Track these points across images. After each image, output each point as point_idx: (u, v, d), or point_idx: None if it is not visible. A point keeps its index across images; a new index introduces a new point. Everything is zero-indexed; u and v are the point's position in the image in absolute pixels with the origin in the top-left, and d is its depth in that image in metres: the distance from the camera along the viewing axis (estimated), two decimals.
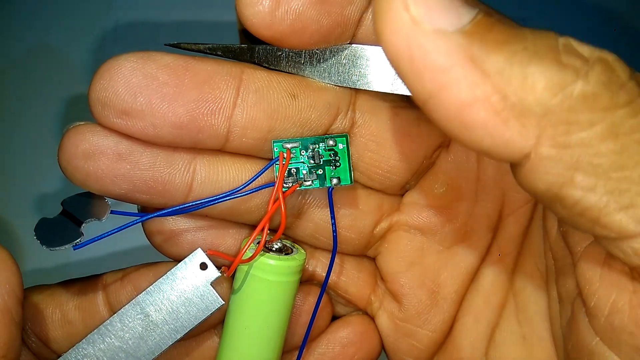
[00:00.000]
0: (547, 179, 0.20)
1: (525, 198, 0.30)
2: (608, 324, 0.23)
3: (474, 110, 0.20)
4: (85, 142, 0.25)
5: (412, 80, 0.20)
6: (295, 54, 0.27)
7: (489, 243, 0.31)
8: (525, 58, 0.20)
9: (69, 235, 0.26)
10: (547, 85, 0.20)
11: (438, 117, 0.21)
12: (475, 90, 0.20)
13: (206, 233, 0.29)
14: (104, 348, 0.28)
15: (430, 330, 0.31)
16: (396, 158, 0.29)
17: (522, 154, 0.20)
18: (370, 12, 0.26)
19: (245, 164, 0.28)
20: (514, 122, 0.20)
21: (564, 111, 0.20)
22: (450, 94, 0.20)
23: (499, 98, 0.20)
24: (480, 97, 0.20)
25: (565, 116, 0.20)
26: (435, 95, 0.20)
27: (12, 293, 0.24)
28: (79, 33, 0.54)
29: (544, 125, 0.20)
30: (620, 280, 0.23)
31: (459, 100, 0.20)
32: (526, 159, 0.20)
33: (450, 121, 0.20)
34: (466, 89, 0.20)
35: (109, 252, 0.41)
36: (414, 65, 0.20)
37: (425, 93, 0.20)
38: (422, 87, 0.20)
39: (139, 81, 0.25)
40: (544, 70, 0.20)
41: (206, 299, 0.28)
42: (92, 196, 0.27)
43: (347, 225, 0.30)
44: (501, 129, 0.20)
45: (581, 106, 0.20)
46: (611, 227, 0.21)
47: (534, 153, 0.20)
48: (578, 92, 0.20)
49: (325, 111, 0.28)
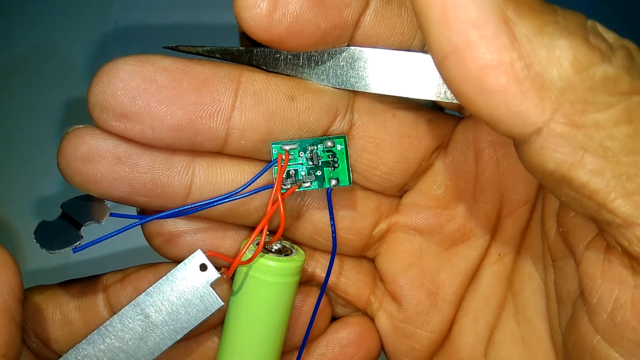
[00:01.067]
0: (556, 158, 0.20)
1: (524, 199, 0.30)
2: (610, 320, 0.23)
3: (496, 73, 0.20)
4: (84, 145, 0.26)
5: (438, 32, 0.20)
6: (293, 57, 0.27)
7: (488, 244, 0.31)
8: (557, 31, 0.20)
9: (68, 238, 0.26)
10: (574, 61, 0.20)
11: (454, 76, 0.20)
12: (503, 53, 0.19)
13: (205, 235, 0.29)
14: (104, 348, 0.28)
15: (429, 331, 0.31)
16: (394, 160, 0.29)
17: (533, 128, 0.20)
18: (368, 15, 0.26)
19: (244, 166, 0.28)
20: (532, 94, 0.20)
21: (584, 90, 0.20)
22: (475, 52, 0.19)
23: (523, 65, 0.19)
24: (505, 61, 0.19)
25: (584, 95, 0.20)
26: (458, 51, 0.20)
27: (12, 292, 0.24)
28: (77, 35, 0.54)
29: (561, 101, 0.20)
30: (622, 275, 0.23)
31: (484, 60, 0.19)
32: (536, 134, 0.20)
33: (466, 82, 0.20)
34: (493, 50, 0.19)
35: (109, 252, 0.41)
36: (444, 16, 0.19)
37: (449, 47, 0.20)
38: (448, 40, 0.20)
39: (137, 84, 0.25)
40: (572, 46, 0.20)
41: (206, 300, 0.28)
42: (92, 199, 0.27)
43: (346, 227, 0.30)
44: (518, 98, 0.20)
45: (601, 88, 0.20)
46: (617, 213, 0.20)
47: (547, 129, 0.20)
48: (601, 73, 0.20)
49: (323, 113, 0.28)
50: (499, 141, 0.29)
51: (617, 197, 0.20)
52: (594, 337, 0.24)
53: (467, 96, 0.20)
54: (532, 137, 0.20)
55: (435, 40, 0.20)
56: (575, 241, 0.26)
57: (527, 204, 0.30)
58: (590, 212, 0.21)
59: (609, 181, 0.20)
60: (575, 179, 0.20)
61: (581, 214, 0.22)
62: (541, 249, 0.30)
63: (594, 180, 0.20)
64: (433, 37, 0.20)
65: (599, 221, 0.22)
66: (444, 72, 0.20)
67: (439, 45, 0.20)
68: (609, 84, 0.20)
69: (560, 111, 0.20)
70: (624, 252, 0.22)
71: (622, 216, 0.20)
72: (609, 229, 0.22)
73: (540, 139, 0.20)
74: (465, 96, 0.20)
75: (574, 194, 0.21)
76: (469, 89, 0.20)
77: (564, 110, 0.20)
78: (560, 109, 0.20)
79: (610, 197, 0.20)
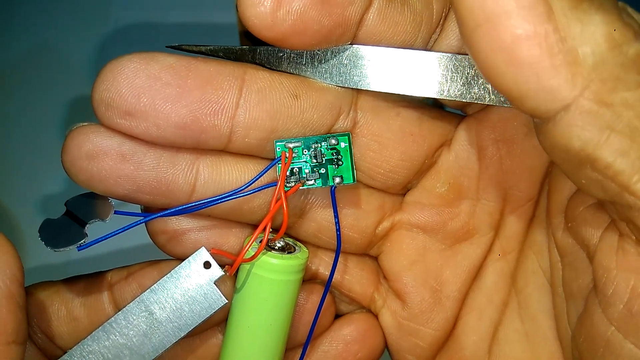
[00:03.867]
0: (583, 136, 0.20)
1: (527, 196, 0.30)
2: (627, 310, 0.23)
3: (529, 45, 0.19)
4: (88, 142, 0.26)
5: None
6: (296, 55, 0.27)
7: (491, 241, 0.31)
8: (592, 6, 0.19)
9: (73, 236, 0.26)
10: (608, 37, 0.19)
11: (484, 47, 0.20)
12: (538, 24, 0.19)
13: (209, 232, 0.29)
14: (109, 345, 0.28)
15: (433, 329, 0.31)
16: (398, 158, 0.29)
17: (562, 105, 0.20)
18: (371, 13, 0.26)
19: (248, 164, 0.28)
20: (564, 68, 0.19)
21: (616, 67, 0.19)
22: (510, 21, 0.19)
23: (557, 39, 0.19)
24: (540, 32, 0.19)
25: (616, 72, 0.19)
26: (492, 20, 0.19)
27: (13, 277, 0.24)
28: (78, 34, 0.54)
29: (592, 77, 0.19)
30: (638, 264, 0.23)
31: (519, 30, 0.19)
32: (564, 111, 0.20)
33: (497, 53, 0.19)
34: (529, 21, 0.19)
35: (112, 249, 0.41)
36: None
37: (482, 15, 0.19)
38: (482, 7, 0.19)
39: (142, 82, 0.25)
40: (607, 22, 0.19)
41: (210, 297, 0.28)
42: (96, 197, 0.27)
43: (350, 225, 0.30)
44: (550, 72, 0.19)
45: (633, 66, 0.20)
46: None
47: (575, 105, 0.20)
48: (634, 51, 0.19)
49: (327, 111, 0.28)
50: (502, 139, 0.29)
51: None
52: (608, 329, 0.24)
53: (496, 69, 0.20)
54: (559, 114, 0.20)
55: (468, 7, 0.19)
56: (587, 235, 0.26)
57: (530, 201, 0.30)
58: (612, 194, 0.21)
59: (634, 162, 0.20)
60: (600, 159, 0.20)
61: (599, 197, 0.22)
62: (546, 245, 0.30)
63: (619, 160, 0.20)
64: (465, 5, 0.19)
65: (619, 205, 0.22)
66: (474, 42, 0.20)
67: (471, 13, 0.19)
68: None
69: (590, 88, 0.19)
70: (638, 242, 0.22)
71: None
72: (630, 213, 0.21)
73: (567, 115, 0.20)
74: (494, 69, 0.20)
75: (597, 176, 0.21)
76: (500, 60, 0.20)
77: (594, 87, 0.19)
78: (590, 85, 0.19)
79: (634, 178, 0.20)
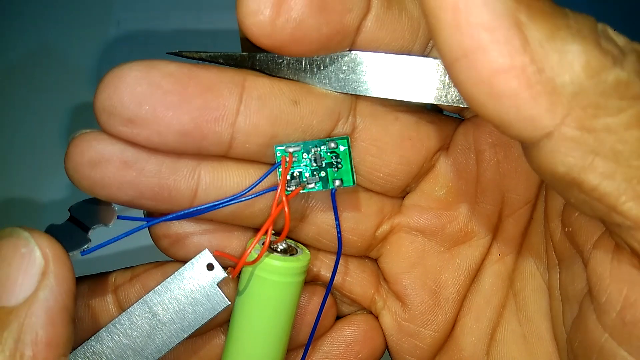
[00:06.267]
0: (567, 162, 0.20)
1: (524, 200, 0.30)
2: (619, 319, 0.23)
3: (507, 78, 0.19)
4: (91, 150, 0.26)
5: (449, 35, 0.19)
6: (296, 62, 0.27)
7: (489, 244, 0.31)
8: (569, 35, 0.19)
9: (76, 242, 0.27)
10: (586, 66, 0.19)
11: (464, 80, 0.20)
12: (514, 57, 0.19)
13: (212, 236, 0.29)
14: (113, 346, 0.28)
15: (432, 330, 0.32)
16: (397, 162, 0.29)
17: (543, 132, 0.20)
18: (369, 20, 0.26)
19: (249, 169, 0.28)
20: (543, 98, 0.19)
21: (596, 95, 0.20)
22: (486, 56, 0.19)
23: (535, 70, 0.19)
24: (517, 65, 0.19)
25: (596, 100, 0.19)
26: (470, 55, 0.19)
27: (69, 291, 0.24)
28: (78, 37, 0.54)
29: (573, 105, 0.20)
30: (631, 275, 0.23)
31: (495, 64, 0.19)
32: (547, 138, 0.20)
33: (477, 86, 0.20)
34: (505, 54, 0.19)
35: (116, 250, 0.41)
36: (456, 18, 0.19)
37: (459, 50, 0.19)
38: (459, 43, 0.19)
39: (143, 90, 0.25)
40: (585, 50, 0.19)
41: (212, 299, 0.28)
42: (99, 202, 0.27)
43: (349, 228, 0.31)
44: (529, 103, 0.20)
45: (613, 92, 0.20)
46: (628, 215, 0.20)
47: (557, 133, 0.20)
48: (613, 78, 0.20)
49: (326, 117, 0.28)
50: (499, 143, 0.29)
51: (628, 199, 0.20)
52: (602, 336, 0.24)
53: (477, 100, 0.20)
54: (543, 141, 0.20)
55: (446, 43, 0.20)
56: (582, 241, 0.26)
57: (528, 204, 0.30)
58: (601, 214, 0.21)
59: (620, 184, 0.20)
60: (585, 182, 0.20)
61: (590, 216, 0.22)
62: (543, 248, 0.30)
63: (604, 183, 0.20)
64: (444, 40, 0.20)
65: (608, 223, 0.22)
66: (454, 75, 0.20)
67: (449, 48, 0.20)
68: (621, 88, 0.20)
69: (571, 115, 0.20)
70: (633, 253, 0.22)
71: (633, 218, 0.20)
72: (619, 231, 0.22)
73: (550, 142, 0.20)
74: (475, 100, 0.20)
75: (584, 197, 0.21)
76: (479, 93, 0.20)
77: (575, 115, 0.20)
78: (571, 113, 0.20)
79: (621, 199, 0.20)
